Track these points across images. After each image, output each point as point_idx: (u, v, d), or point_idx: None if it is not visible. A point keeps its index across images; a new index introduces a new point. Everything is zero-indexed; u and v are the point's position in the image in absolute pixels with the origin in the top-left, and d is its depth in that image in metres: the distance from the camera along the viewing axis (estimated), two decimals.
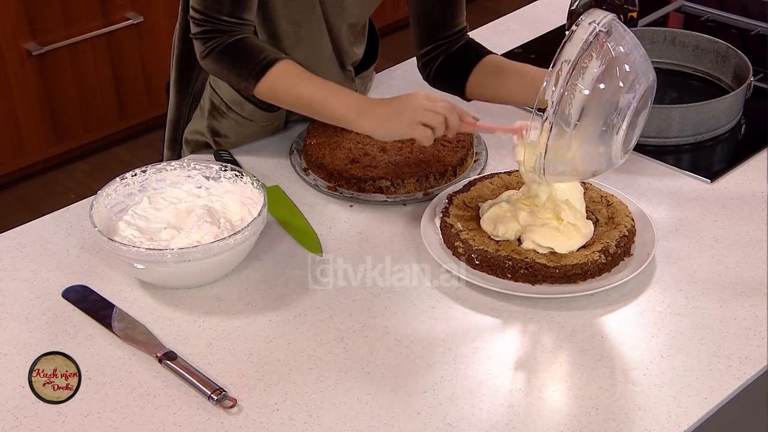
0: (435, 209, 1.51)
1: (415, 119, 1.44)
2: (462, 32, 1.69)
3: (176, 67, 1.73)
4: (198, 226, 1.40)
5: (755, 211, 1.54)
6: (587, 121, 1.31)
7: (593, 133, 1.32)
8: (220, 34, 1.51)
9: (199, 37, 1.53)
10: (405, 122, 1.44)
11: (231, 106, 1.68)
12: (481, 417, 1.19)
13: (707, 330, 1.32)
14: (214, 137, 1.72)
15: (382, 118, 1.46)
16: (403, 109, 1.45)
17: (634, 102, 1.32)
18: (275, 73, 1.51)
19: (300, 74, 1.52)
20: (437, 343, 1.30)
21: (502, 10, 2.39)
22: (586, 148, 1.33)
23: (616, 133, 1.32)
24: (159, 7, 3.26)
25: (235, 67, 1.52)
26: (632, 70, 1.33)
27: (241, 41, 1.52)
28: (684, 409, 1.19)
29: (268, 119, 1.71)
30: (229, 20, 1.51)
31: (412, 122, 1.44)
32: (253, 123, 1.70)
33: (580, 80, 1.28)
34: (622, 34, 1.34)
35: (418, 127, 1.44)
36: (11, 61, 3.01)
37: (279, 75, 1.51)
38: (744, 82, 1.74)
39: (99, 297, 1.39)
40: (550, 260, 1.38)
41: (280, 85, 1.51)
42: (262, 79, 1.51)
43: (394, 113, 1.45)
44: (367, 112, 1.47)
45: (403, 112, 1.44)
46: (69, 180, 3.29)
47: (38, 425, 1.20)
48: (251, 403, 1.22)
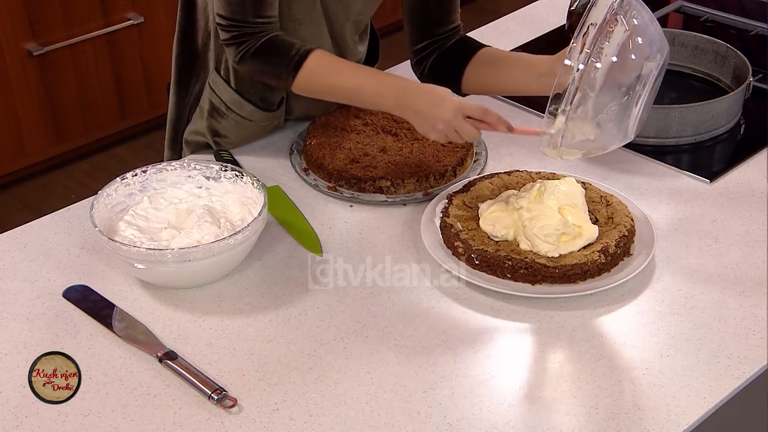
0: (435, 209, 1.51)
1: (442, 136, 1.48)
2: (457, 29, 1.70)
3: (175, 68, 1.73)
4: (198, 226, 1.40)
5: (754, 211, 1.54)
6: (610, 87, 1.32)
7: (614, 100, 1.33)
8: (249, 37, 1.53)
9: (231, 43, 1.54)
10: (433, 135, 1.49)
11: (230, 107, 1.68)
12: (481, 417, 1.19)
13: (707, 330, 1.32)
14: (214, 137, 1.72)
15: (415, 116, 1.49)
16: (435, 121, 1.47)
17: (655, 71, 1.33)
18: (309, 67, 1.52)
19: (334, 63, 1.54)
20: (437, 343, 1.31)
21: (502, 10, 2.39)
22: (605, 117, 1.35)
23: (635, 104, 1.33)
24: (159, 8, 3.26)
25: (270, 67, 1.54)
26: (653, 40, 1.34)
27: (270, 41, 1.53)
28: (683, 409, 1.20)
29: (267, 119, 1.71)
30: (255, 21, 1.52)
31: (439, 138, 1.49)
32: (253, 123, 1.70)
33: (606, 44, 1.30)
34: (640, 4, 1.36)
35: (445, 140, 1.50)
36: (12, 62, 3.02)
37: (313, 68, 1.53)
38: (743, 82, 1.75)
39: (99, 297, 1.40)
40: (549, 260, 1.38)
41: (316, 79, 1.54)
42: (298, 75, 1.52)
43: (427, 119, 1.48)
44: (404, 102, 1.50)
45: (435, 124, 1.47)
46: (70, 180, 3.29)
47: (39, 425, 1.20)
48: (251, 403, 1.22)
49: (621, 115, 1.35)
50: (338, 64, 1.55)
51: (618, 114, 1.34)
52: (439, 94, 1.49)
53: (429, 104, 1.48)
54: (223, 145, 1.73)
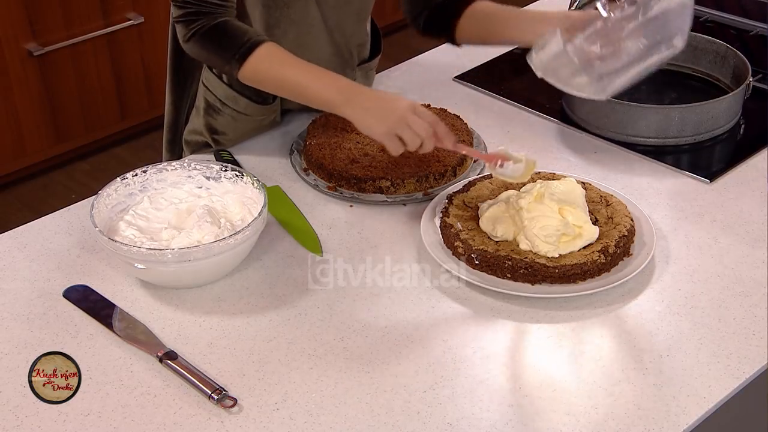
0: (435, 209, 1.51)
1: (393, 130, 1.45)
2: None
3: (171, 69, 1.73)
4: (198, 226, 1.40)
5: (754, 211, 1.55)
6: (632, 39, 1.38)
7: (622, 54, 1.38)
8: (202, 17, 1.51)
9: (182, 20, 1.53)
10: (383, 128, 1.45)
11: (225, 102, 1.68)
12: (481, 417, 1.19)
13: (706, 329, 1.32)
14: (212, 135, 1.72)
15: (364, 112, 1.47)
16: (387, 113, 1.45)
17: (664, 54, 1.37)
18: (258, 56, 1.51)
19: (284, 57, 1.52)
20: (437, 343, 1.31)
21: None
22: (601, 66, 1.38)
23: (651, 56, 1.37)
24: (159, 8, 3.26)
25: (219, 50, 1.52)
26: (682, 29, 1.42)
27: (223, 24, 1.52)
28: (683, 409, 1.20)
29: (263, 112, 1.71)
30: (211, 1, 1.51)
31: (389, 132, 1.45)
32: (249, 117, 1.70)
33: None
34: None
35: (394, 138, 1.45)
36: (12, 62, 3.02)
37: (263, 58, 1.51)
38: (743, 82, 1.75)
39: (100, 297, 1.40)
40: (549, 260, 1.38)
41: (264, 68, 1.51)
42: (246, 63, 1.51)
43: (377, 113, 1.46)
44: (353, 99, 1.48)
45: (386, 116, 1.45)
46: (70, 180, 3.29)
47: (39, 425, 1.20)
48: (251, 403, 1.22)
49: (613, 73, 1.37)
50: (288, 58, 1.52)
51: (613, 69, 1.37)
52: (391, 95, 1.50)
53: (380, 100, 1.47)
54: (222, 143, 1.73)
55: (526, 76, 2.00)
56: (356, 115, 1.47)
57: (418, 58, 2.04)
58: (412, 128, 1.44)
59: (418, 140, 1.45)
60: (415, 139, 1.45)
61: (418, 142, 1.45)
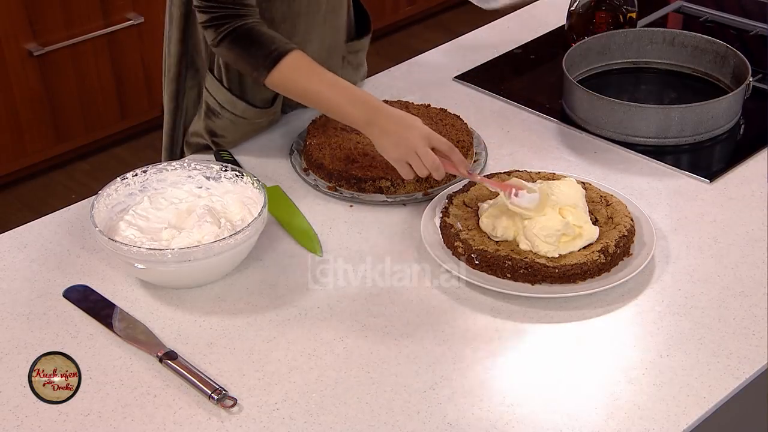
0: (435, 209, 1.51)
1: (404, 158, 1.49)
2: None
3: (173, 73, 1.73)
4: (198, 226, 1.40)
5: (754, 211, 1.54)
6: None
7: None
8: (229, 20, 1.54)
9: (209, 25, 1.55)
10: (396, 154, 1.50)
11: (224, 106, 1.69)
12: (481, 417, 1.19)
13: (706, 329, 1.32)
14: (212, 138, 1.72)
15: (382, 135, 1.51)
16: (400, 140, 1.49)
17: None
18: (286, 66, 1.54)
19: (311, 67, 1.55)
20: (437, 343, 1.31)
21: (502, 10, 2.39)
22: None
23: None
24: (159, 8, 3.24)
25: (247, 57, 1.55)
26: None
27: (252, 29, 1.54)
28: (683, 409, 1.20)
29: (261, 116, 1.72)
30: (234, 3, 1.54)
31: (401, 158, 1.50)
32: (247, 121, 1.71)
33: None
34: None
35: (404, 165, 1.50)
36: (12, 62, 3.02)
37: (290, 67, 1.54)
38: (743, 82, 1.75)
39: (100, 297, 1.40)
40: (549, 260, 1.38)
41: (291, 78, 1.55)
42: (273, 71, 1.54)
43: (392, 137, 1.50)
44: (375, 120, 1.52)
45: (399, 143, 1.49)
46: (70, 180, 3.29)
47: (39, 425, 1.20)
48: (251, 403, 1.22)
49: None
50: (316, 70, 1.55)
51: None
52: (410, 120, 1.52)
53: (399, 126, 1.50)
54: (222, 145, 1.73)
55: (526, 76, 2.01)
56: (375, 136, 1.52)
57: (418, 58, 2.04)
58: (421, 160, 1.48)
59: (425, 171, 1.49)
60: (422, 169, 1.49)
61: (425, 172, 1.50)
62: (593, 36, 1.91)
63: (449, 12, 4.28)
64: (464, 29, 2.17)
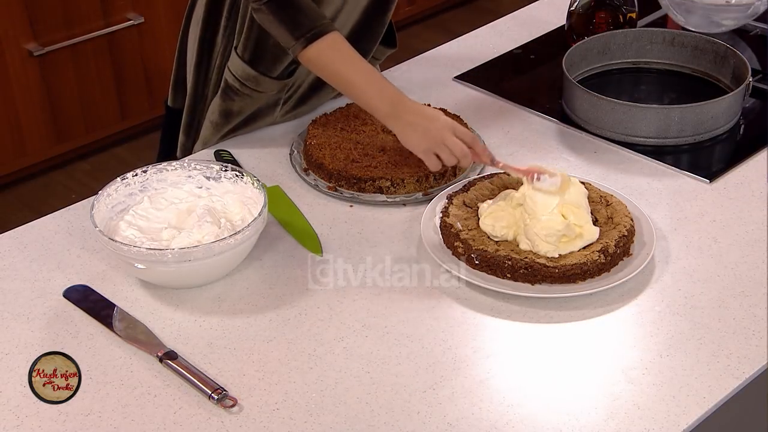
0: (435, 209, 1.51)
1: (432, 148, 1.52)
2: None
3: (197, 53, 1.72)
4: (199, 226, 1.40)
5: (754, 211, 1.55)
6: None
7: None
8: None
9: None
10: (423, 145, 1.53)
11: (245, 83, 1.68)
12: (481, 416, 1.20)
13: (706, 329, 1.32)
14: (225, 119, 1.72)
15: (407, 127, 1.53)
16: (427, 131, 1.52)
17: None
18: (325, 44, 1.54)
19: (346, 51, 1.56)
20: (437, 343, 1.31)
21: (502, 10, 2.39)
22: None
23: None
24: (159, 8, 3.26)
25: (288, 26, 1.54)
26: None
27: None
28: (683, 409, 1.20)
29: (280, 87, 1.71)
30: None
31: (428, 150, 1.52)
32: (264, 94, 1.71)
33: None
34: None
35: (432, 156, 1.52)
36: (12, 62, 3.02)
37: (326, 47, 1.55)
38: (743, 82, 1.75)
39: (100, 297, 1.40)
40: (549, 260, 1.38)
41: (324, 58, 1.56)
42: (310, 47, 1.54)
43: (418, 129, 1.52)
44: (399, 113, 1.54)
45: (426, 134, 1.52)
46: (70, 180, 3.29)
47: (39, 425, 1.20)
48: (252, 403, 1.22)
49: None
50: (351, 54, 1.56)
51: None
52: (433, 112, 1.55)
53: (423, 118, 1.53)
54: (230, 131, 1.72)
55: (526, 76, 2.01)
56: (399, 129, 1.54)
57: (418, 58, 2.04)
58: (449, 147, 1.51)
59: (454, 159, 1.52)
60: (451, 158, 1.52)
61: (454, 161, 1.53)
62: (593, 36, 1.91)
63: (449, 12, 4.29)
64: (464, 29, 2.18)
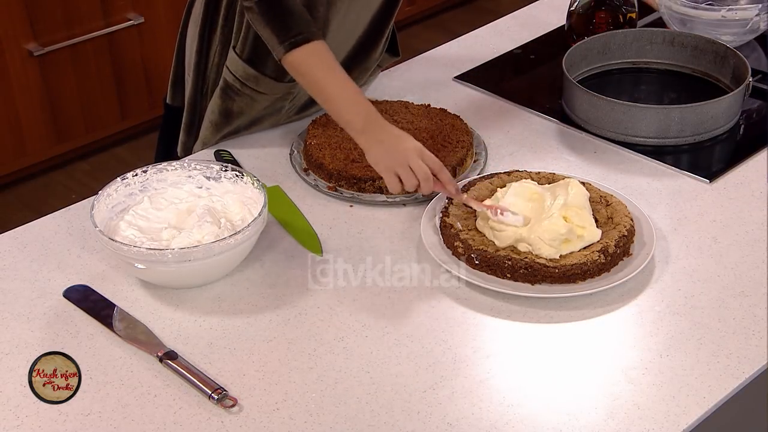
0: (435, 209, 1.52)
1: (394, 168, 1.50)
2: None
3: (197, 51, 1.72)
4: (199, 226, 1.40)
5: (754, 211, 1.55)
6: None
7: None
8: None
9: None
10: (385, 162, 1.51)
11: (245, 83, 1.68)
12: (481, 416, 1.20)
13: (706, 329, 1.32)
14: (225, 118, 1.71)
15: (375, 145, 1.52)
16: (393, 152, 1.50)
17: None
18: (307, 51, 1.53)
19: (328, 61, 1.55)
20: (437, 343, 1.31)
21: (502, 10, 2.39)
22: None
23: None
24: (159, 8, 3.26)
25: (275, 27, 1.54)
26: None
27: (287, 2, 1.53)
28: (683, 409, 1.20)
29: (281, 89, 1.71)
30: None
31: (390, 168, 1.50)
32: (266, 96, 1.70)
33: None
34: None
35: (393, 175, 1.50)
36: (13, 62, 3.02)
37: (309, 54, 1.54)
38: (743, 82, 1.75)
39: (100, 297, 1.40)
40: (549, 260, 1.38)
41: (307, 64, 1.55)
42: (293, 51, 1.53)
43: (385, 149, 1.51)
44: (370, 130, 1.52)
45: (391, 154, 1.50)
46: (70, 180, 3.29)
47: (39, 424, 1.20)
48: (252, 403, 1.22)
49: None
50: (332, 64, 1.55)
51: None
52: (404, 133, 1.53)
53: (392, 137, 1.52)
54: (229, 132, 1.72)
55: (526, 76, 2.01)
56: (367, 145, 1.53)
57: (418, 58, 2.04)
58: (413, 169, 1.49)
59: (415, 181, 1.49)
60: (411, 180, 1.49)
61: (415, 183, 1.50)
62: (593, 36, 1.91)
63: (449, 12, 4.29)
64: (464, 29, 2.18)
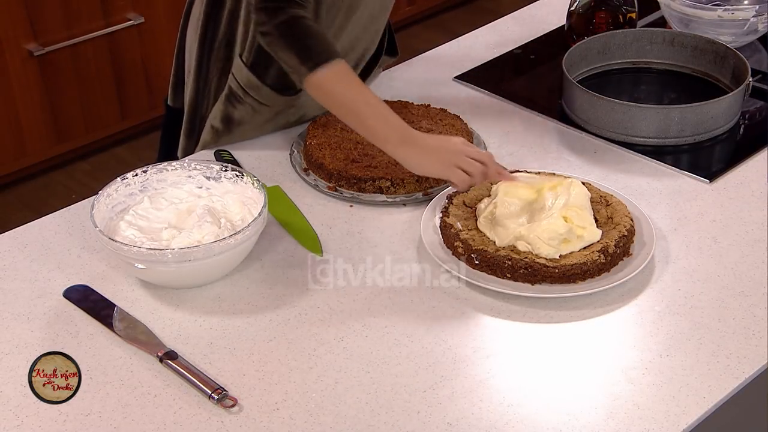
0: (435, 209, 1.52)
1: (454, 162, 1.47)
2: None
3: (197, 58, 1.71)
4: (199, 226, 1.41)
5: (754, 211, 1.55)
6: None
7: None
8: (284, 4, 1.49)
9: (263, 7, 1.50)
10: (444, 162, 1.48)
11: (248, 92, 1.67)
12: (481, 416, 1.20)
13: (706, 329, 1.32)
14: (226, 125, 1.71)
15: (421, 152, 1.49)
16: (443, 149, 1.48)
17: None
18: (328, 72, 1.50)
19: (352, 80, 1.53)
20: (437, 343, 1.31)
21: (502, 10, 2.39)
22: None
23: None
24: (159, 8, 3.26)
25: (296, 51, 1.50)
26: None
27: (306, 21, 1.51)
28: (683, 409, 1.20)
29: (283, 103, 1.70)
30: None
31: (450, 164, 1.47)
32: (269, 108, 1.70)
33: None
34: None
35: (457, 170, 1.47)
36: (13, 62, 3.02)
37: (334, 74, 1.51)
38: (743, 82, 1.75)
39: (100, 297, 1.40)
40: (549, 260, 1.38)
41: (332, 84, 1.52)
42: (315, 73, 1.49)
43: (434, 150, 1.49)
44: (409, 142, 1.49)
45: (443, 152, 1.48)
46: (70, 180, 3.29)
47: (39, 424, 1.20)
48: (252, 403, 1.22)
49: None
50: (358, 82, 1.53)
51: None
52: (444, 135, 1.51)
53: (435, 140, 1.51)
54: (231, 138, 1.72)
55: (526, 76, 2.01)
56: (412, 156, 1.49)
57: (418, 58, 2.04)
58: (472, 156, 1.48)
59: (480, 166, 1.47)
60: (476, 165, 1.47)
61: (481, 168, 1.48)
62: (593, 36, 1.91)
63: (449, 12, 4.28)
64: (464, 29, 2.18)
